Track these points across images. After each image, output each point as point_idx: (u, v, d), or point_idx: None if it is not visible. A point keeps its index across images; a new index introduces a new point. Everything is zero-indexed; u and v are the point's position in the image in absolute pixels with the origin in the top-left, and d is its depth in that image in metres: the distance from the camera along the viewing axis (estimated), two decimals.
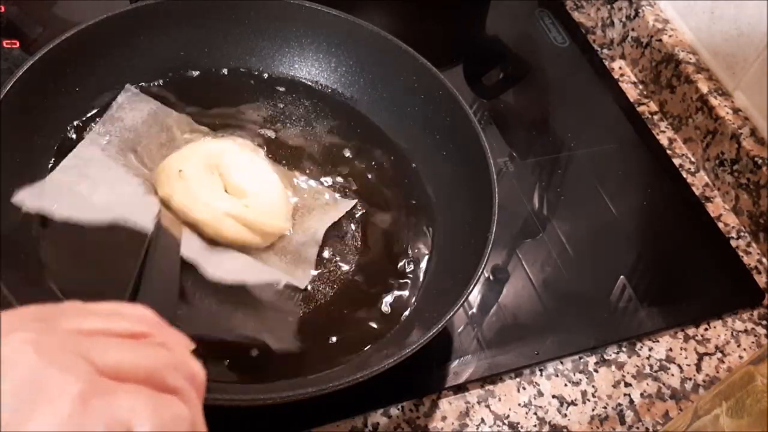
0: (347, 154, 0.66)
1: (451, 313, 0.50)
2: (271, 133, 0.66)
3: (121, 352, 0.30)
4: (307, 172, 0.64)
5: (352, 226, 0.61)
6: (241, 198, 0.57)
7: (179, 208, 0.55)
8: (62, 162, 0.57)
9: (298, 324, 0.55)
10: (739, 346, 0.67)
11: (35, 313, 0.30)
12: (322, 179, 0.63)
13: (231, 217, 0.55)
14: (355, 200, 0.63)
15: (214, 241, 0.56)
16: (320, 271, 0.58)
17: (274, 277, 0.56)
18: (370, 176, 0.65)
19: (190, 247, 0.54)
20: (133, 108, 0.62)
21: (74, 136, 0.60)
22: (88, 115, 0.61)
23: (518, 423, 0.58)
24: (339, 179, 0.64)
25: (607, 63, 0.90)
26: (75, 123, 0.60)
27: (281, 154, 0.64)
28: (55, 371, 0.27)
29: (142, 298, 0.39)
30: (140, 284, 0.40)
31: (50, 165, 0.58)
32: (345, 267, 0.59)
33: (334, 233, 0.60)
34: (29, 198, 0.53)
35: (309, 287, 0.57)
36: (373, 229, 0.62)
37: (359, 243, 0.60)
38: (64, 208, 0.54)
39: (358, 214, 0.62)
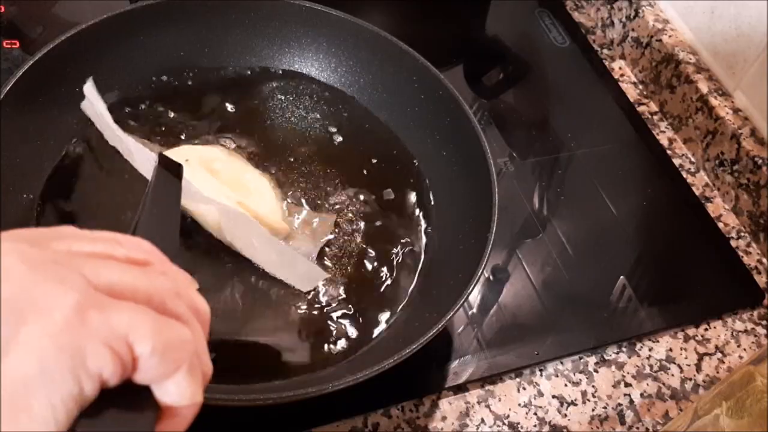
0: (347, 154, 0.66)
1: (451, 313, 0.50)
2: (269, 134, 0.66)
3: (118, 272, 0.27)
4: (307, 173, 0.64)
5: (351, 228, 0.61)
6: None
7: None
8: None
9: (298, 324, 0.55)
10: (739, 346, 0.67)
11: (27, 233, 0.27)
12: (323, 181, 0.63)
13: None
14: (334, 216, 0.61)
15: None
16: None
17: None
18: (369, 176, 0.65)
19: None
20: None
21: (74, 138, 0.60)
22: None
23: (518, 423, 0.58)
24: (338, 180, 0.64)
25: (607, 63, 0.90)
26: (75, 124, 0.60)
27: (281, 156, 0.64)
28: (48, 283, 0.24)
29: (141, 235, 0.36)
30: (138, 226, 0.38)
31: (50, 166, 0.58)
32: (343, 268, 0.59)
33: (333, 236, 0.60)
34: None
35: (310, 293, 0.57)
36: (372, 230, 0.62)
37: (358, 244, 0.60)
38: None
39: (357, 214, 0.62)
